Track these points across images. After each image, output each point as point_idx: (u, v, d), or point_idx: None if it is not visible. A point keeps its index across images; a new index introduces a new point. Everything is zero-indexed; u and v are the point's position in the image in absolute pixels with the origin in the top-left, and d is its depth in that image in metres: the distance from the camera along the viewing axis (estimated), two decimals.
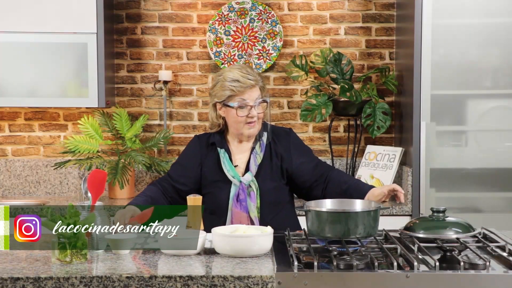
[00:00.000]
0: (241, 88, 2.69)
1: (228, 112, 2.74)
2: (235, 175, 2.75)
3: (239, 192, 2.74)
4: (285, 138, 2.85)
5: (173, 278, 2.01)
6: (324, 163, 2.88)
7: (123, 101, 4.30)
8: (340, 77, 4.08)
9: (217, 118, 2.80)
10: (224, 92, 2.71)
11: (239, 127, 2.74)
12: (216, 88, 2.75)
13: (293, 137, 2.88)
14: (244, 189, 2.74)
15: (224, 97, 2.72)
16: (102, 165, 3.96)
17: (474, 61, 3.71)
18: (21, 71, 3.93)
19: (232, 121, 2.75)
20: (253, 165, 2.77)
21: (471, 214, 3.72)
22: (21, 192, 4.24)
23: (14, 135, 4.27)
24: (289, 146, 2.84)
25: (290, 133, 2.89)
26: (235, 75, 2.70)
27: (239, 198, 2.74)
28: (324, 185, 2.80)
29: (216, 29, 4.22)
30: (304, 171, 2.81)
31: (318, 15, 4.26)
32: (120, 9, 4.27)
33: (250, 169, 2.77)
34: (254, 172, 2.76)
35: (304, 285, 2.01)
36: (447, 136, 3.78)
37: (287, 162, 2.81)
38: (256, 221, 2.72)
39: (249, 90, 2.70)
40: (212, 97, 2.78)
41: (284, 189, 2.82)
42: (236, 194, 2.74)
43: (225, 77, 2.72)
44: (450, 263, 2.17)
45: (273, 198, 2.77)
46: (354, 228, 2.27)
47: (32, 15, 3.87)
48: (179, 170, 2.82)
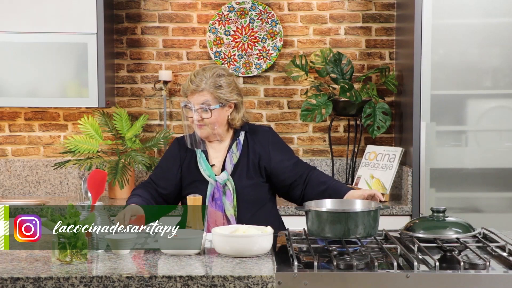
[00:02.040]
0: (186, 90, 2.76)
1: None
2: (210, 174, 2.76)
3: (214, 191, 2.76)
4: (263, 136, 2.86)
5: (173, 278, 2.01)
6: (305, 163, 2.87)
7: (123, 101, 4.30)
8: (340, 77, 4.08)
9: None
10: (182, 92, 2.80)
11: (191, 127, 2.80)
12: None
13: (272, 135, 2.88)
14: (220, 188, 2.75)
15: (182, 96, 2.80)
16: (102, 165, 3.96)
17: (474, 61, 3.71)
18: (21, 71, 3.93)
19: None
20: (228, 164, 2.78)
21: (471, 214, 3.72)
22: (21, 192, 4.24)
23: (14, 135, 4.27)
24: (267, 144, 2.84)
25: (269, 132, 2.89)
26: (190, 75, 2.76)
27: (214, 197, 2.76)
28: (303, 186, 2.80)
29: (216, 29, 4.22)
30: (282, 169, 2.81)
31: (318, 15, 4.26)
32: (120, 9, 4.27)
33: (226, 168, 2.78)
34: (229, 171, 2.77)
35: (304, 285, 2.01)
36: (447, 136, 3.77)
37: (265, 160, 2.81)
38: (232, 220, 2.73)
39: (193, 94, 2.73)
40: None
41: (262, 187, 2.82)
42: (211, 193, 2.76)
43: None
44: (450, 263, 2.17)
45: (250, 196, 2.78)
46: (354, 228, 2.27)
47: (32, 15, 3.87)
48: (159, 173, 2.86)
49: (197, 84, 2.72)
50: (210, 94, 2.73)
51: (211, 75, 2.73)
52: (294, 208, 3.52)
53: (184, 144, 2.84)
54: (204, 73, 2.74)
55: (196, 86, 2.72)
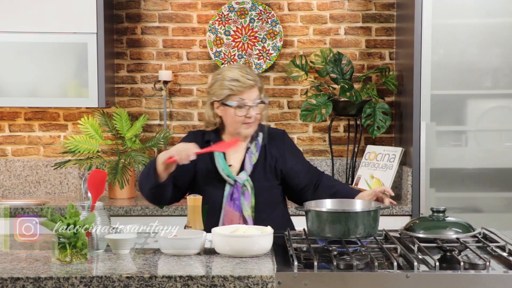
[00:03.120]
0: (241, 87, 2.69)
1: (226, 111, 2.73)
2: (229, 174, 2.74)
3: (233, 191, 2.74)
4: (279, 139, 2.86)
5: (173, 278, 2.01)
6: (315, 168, 2.90)
7: (123, 101, 4.30)
8: (340, 77, 4.08)
9: (214, 117, 2.79)
10: (222, 91, 2.71)
11: (236, 126, 2.73)
12: (214, 87, 2.74)
13: (287, 139, 2.89)
14: (239, 188, 2.73)
15: (222, 96, 2.71)
16: (102, 165, 3.96)
17: (474, 61, 3.71)
18: (21, 71, 3.93)
19: (230, 121, 2.74)
20: (248, 164, 2.76)
21: (471, 214, 3.72)
22: (21, 192, 4.24)
23: (14, 135, 4.27)
24: (283, 147, 2.84)
25: (284, 135, 2.90)
26: (234, 74, 2.70)
27: (233, 197, 2.73)
28: (314, 190, 2.81)
29: (216, 29, 4.22)
30: (297, 173, 2.82)
31: (318, 15, 4.26)
32: (120, 9, 4.28)
33: (245, 168, 2.76)
34: (249, 171, 2.76)
35: (304, 285, 2.01)
36: (447, 136, 3.78)
37: (281, 163, 2.81)
38: (249, 220, 2.72)
39: (248, 90, 2.69)
40: (210, 95, 2.77)
41: (277, 189, 2.82)
42: (230, 193, 2.74)
43: (224, 76, 2.71)
44: (450, 263, 2.17)
45: (267, 197, 2.77)
46: (354, 228, 2.27)
47: (32, 15, 3.87)
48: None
49: (253, 79, 2.71)
50: (259, 90, 2.74)
51: (253, 71, 2.76)
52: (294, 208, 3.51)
53: (199, 138, 2.79)
54: (248, 69, 2.73)
55: (254, 82, 2.70)
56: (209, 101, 2.78)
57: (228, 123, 2.76)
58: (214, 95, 2.74)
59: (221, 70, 2.78)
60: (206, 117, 2.82)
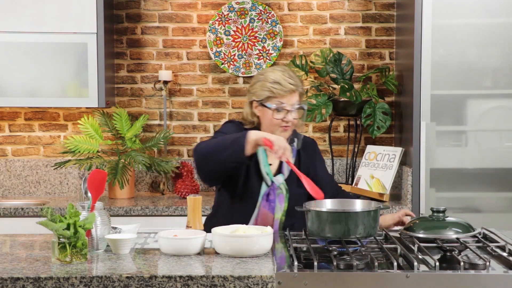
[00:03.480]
0: (281, 91, 2.67)
1: (264, 112, 2.72)
2: (269, 172, 2.71)
3: (269, 192, 2.71)
4: (311, 148, 2.87)
5: (173, 278, 2.01)
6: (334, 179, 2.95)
7: (123, 101, 4.30)
8: (340, 77, 4.08)
9: (252, 116, 2.77)
10: (263, 92, 2.70)
11: (272, 129, 2.71)
12: (255, 87, 2.73)
13: (317, 148, 2.91)
14: (275, 189, 2.71)
15: (262, 96, 2.70)
16: (102, 165, 3.96)
17: (474, 61, 3.71)
18: (21, 71, 3.93)
19: (267, 122, 2.72)
20: (285, 168, 2.75)
21: (471, 214, 3.72)
22: (21, 192, 4.24)
23: (14, 135, 4.27)
24: (315, 156, 2.86)
25: (315, 144, 2.91)
26: (277, 77, 2.69)
27: (269, 198, 2.70)
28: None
29: (216, 29, 4.22)
30: (324, 184, 2.81)
31: (318, 15, 4.26)
32: (120, 9, 4.28)
33: (283, 171, 2.74)
34: (286, 175, 2.74)
35: (304, 285, 2.01)
36: (447, 136, 3.77)
37: (313, 171, 2.82)
38: (276, 224, 2.69)
39: (288, 94, 2.68)
40: (250, 94, 2.76)
41: (305, 198, 2.72)
42: (266, 193, 2.71)
43: (267, 77, 2.70)
44: (450, 263, 2.17)
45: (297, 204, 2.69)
46: (354, 228, 2.27)
47: (32, 15, 3.87)
48: None
49: (295, 83, 2.69)
50: (300, 96, 2.72)
51: (296, 75, 2.73)
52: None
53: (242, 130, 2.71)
54: (291, 73, 2.72)
55: (295, 86, 2.69)
56: (249, 100, 2.77)
57: (265, 124, 2.74)
58: (254, 95, 2.73)
59: (265, 71, 2.77)
60: (244, 114, 2.80)
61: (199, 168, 2.58)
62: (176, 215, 3.69)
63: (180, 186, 4.00)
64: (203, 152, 2.55)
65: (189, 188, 3.99)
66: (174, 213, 3.69)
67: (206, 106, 4.30)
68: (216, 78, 4.30)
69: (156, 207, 3.69)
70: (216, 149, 2.52)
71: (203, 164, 2.56)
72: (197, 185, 4.04)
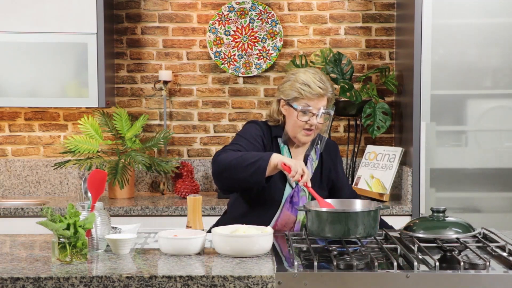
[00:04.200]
0: (310, 94, 2.66)
1: (290, 112, 2.71)
2: None
3: (293, 194, 2.70)
4: (333, 150, 2.87)
5: (173, 278, 2.01)
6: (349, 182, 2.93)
7: (123, 101, 4.30)
8: (340, 77, 4.08)
9: (278, 114, 2.77)
10: (291, 92, 2.69)
11: (296, 130, 2.70)
12: (285, 85, 2.73)
13: (338, 150, 2.91)
14: (299, 191, 2.71)
15: (290, 96, 2.70)
16: (102, 165, 3.96)
17: (474, 61, 3.72)
18: (21, 71, 3.93)
19: (291, 123, 2.71)
20: (308, 167, 2.74)
21: (471, 214, 3.73)
22: (21, 192, 4.24)
23: (14, 135, 4.27)
24: (336, 158, 2.87)
25: (337, 147, 2.92)
26: (307, 79, 2.67)
27: (293, 200, 2.69)
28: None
29: (216, 29, 4.22)
30: (343, 186, 2.84)
31: (318, 15, 4.26)
32: (120, 9, 4.28)
33: None
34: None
35: (304, 285, 2.01)
36: (447, 136, 3.77)
37: (334, 174, 2.83)
38: (297, 226, 2.70)
39: (316, 98, 2.67)
40: (279, 92, 2.76)
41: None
42: (290, 195, 2.70)
43: (297, 78, 2.70)
44: (450, 263, 2.17)
45: None
46: (354, 228, 2.27)
47: (32, 15, 3.87)
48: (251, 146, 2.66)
49: (325, 88, 2.67)
50: (328, 101, 2.71)
51: (327, 80, 2.71)
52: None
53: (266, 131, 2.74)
54: (322, 77, 2.70)
55: (325, 91, 2.67)
56: (277, 98, 2.77)
57: (289, 125, 2.73)
58: (283, 94, 2.73)
59: (296, 71, 2.75)
60: (270, 110, 2.80)
61: (216, 179, 2.58)
62: (176, 215, 3.69)
63: (180, 186, 4.00)
64: (222, 166, 2.53)
65: (189, 188, 3.99)
66: (174, 213, 3.69)
67: (206, 106, 4.30)
68: (216, 78, 4.30)
69: (156, 207, 3.69)
70: (237, 167, 2.50)
71: (221, 177, 2.56)
72: (197, 185, 4.04)
